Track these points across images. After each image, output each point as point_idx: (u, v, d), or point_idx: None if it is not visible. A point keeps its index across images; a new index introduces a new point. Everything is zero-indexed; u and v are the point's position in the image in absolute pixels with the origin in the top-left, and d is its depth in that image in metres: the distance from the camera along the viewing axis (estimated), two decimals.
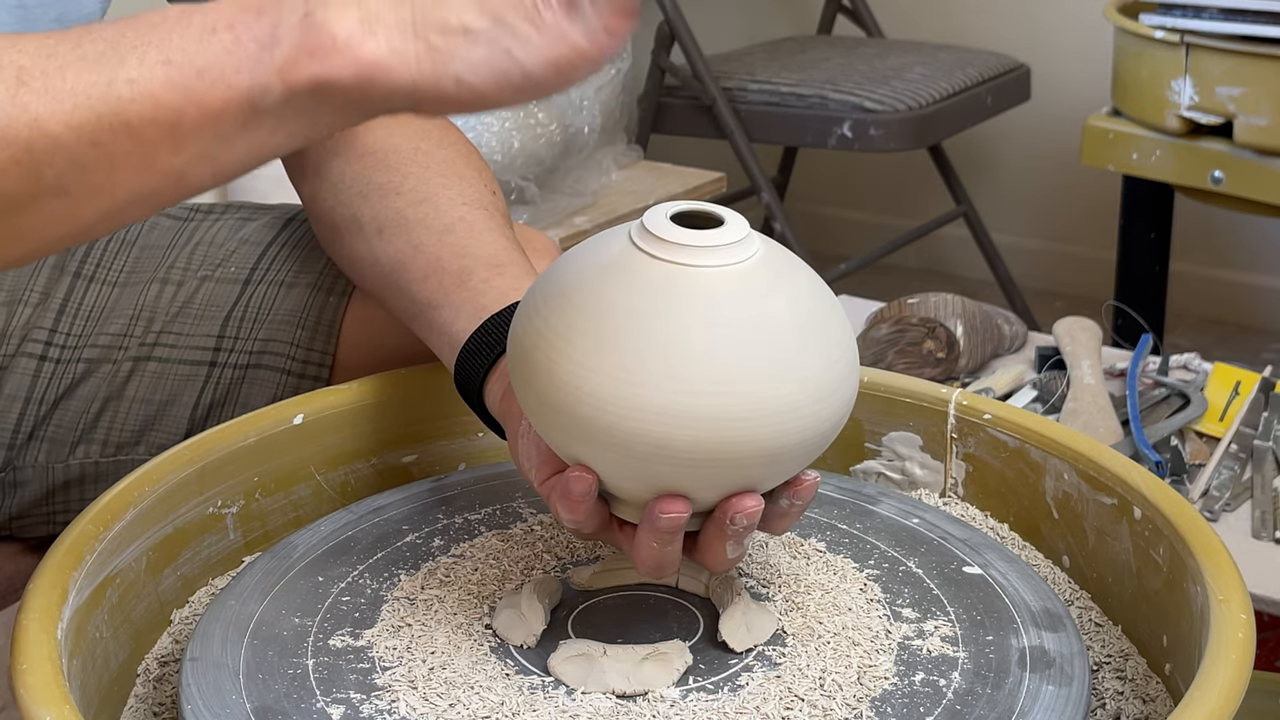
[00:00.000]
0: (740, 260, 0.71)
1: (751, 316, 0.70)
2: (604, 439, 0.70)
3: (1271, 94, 2.04)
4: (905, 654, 0.76)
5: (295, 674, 0.74)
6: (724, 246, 0.71)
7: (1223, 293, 2.94)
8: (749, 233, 0.72)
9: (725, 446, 0.70)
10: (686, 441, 0.69)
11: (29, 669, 0.68)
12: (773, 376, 0.70)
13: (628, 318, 0.70)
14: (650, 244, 0.71)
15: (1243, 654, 0.68)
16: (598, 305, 0.71)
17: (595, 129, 2.10)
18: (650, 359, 0.69)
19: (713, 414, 0.69)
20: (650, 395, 0.69)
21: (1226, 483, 1.41)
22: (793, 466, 0.73)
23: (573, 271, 0.74)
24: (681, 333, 0.70)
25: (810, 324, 0.72)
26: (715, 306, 0.70)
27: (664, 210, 0.73)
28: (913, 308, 1.68)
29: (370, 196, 0.98)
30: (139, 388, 1.07)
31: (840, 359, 0.73)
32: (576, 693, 0.72)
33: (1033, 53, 2.81)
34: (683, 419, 0.69)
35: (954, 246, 3.11)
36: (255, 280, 1.08)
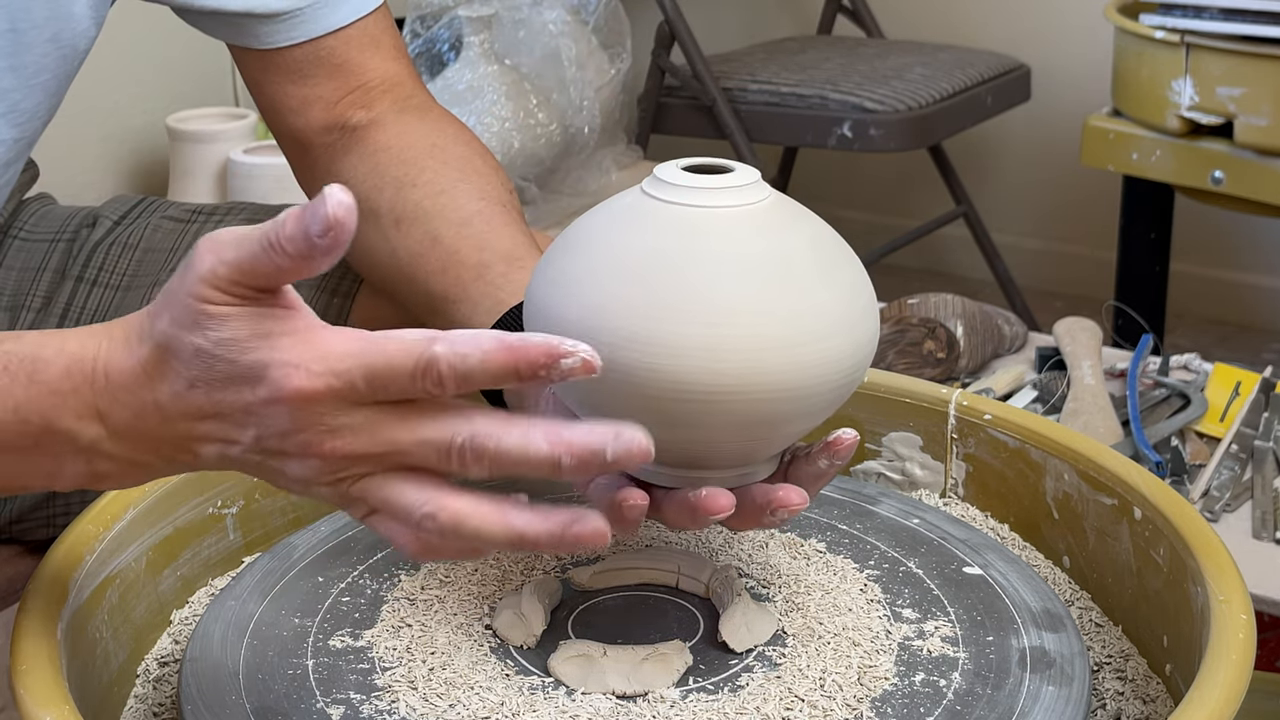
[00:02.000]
0: (753, 201, 0.71)
1: (768, 251, 0.70)
2: (623, 380, 0.68)
3: (1271, 94, 2.04)
4: (905, 654, 0.75)
5: (295, 674, 0.74)
6: (736, 188, 0.71)
7: (1223, 293, 2.94)
8: (759, 178, 0.73)
9: (748, 380, 0.68)
10: (709, 376, 0.68)
11: (29, 669, 0.68)
12: (794, 308, 0.69)
13: (641, 256, 0.70)
14: (662, 190, 0.71)
15: (1243, 654, 0.68)
16: (610, 248, 0.71)
17: (595, 129, 2.11)
18: (667, 293, 0.68)
19: (736, 345, 0.68)
20: (669, 329, 0.68)
21: (1227, 483, 1.41)
22: (816, 408, 0.71)
23: (584, 227, 0.73)
24: (697, 267, 0.69)
25: (828, 261, 0.72)
26: (731, 241, 0.70)
27: (674, 163, 0.73)
28: (913, 308, 1.68)
29: (386, 189, 0.97)
30: None
31: (860, 295, 0.72)
32: (576, 693, 0.72)
33: (1033, 53, 2.81)
34: (704, 352, 0.68)
35: (954, 246, 3.11)
36: None
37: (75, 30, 0.96)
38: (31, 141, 1.00)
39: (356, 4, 1.02)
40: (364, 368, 0.62)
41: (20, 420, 0.66)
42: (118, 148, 2.23)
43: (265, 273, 0.62)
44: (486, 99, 1.95)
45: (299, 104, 1.04)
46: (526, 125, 1.97)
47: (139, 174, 2.30)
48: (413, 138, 1.00)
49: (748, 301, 0.68)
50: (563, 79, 2.07)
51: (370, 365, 0.62)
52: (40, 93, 0.96)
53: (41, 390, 0.66)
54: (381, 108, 1.03)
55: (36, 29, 0.93)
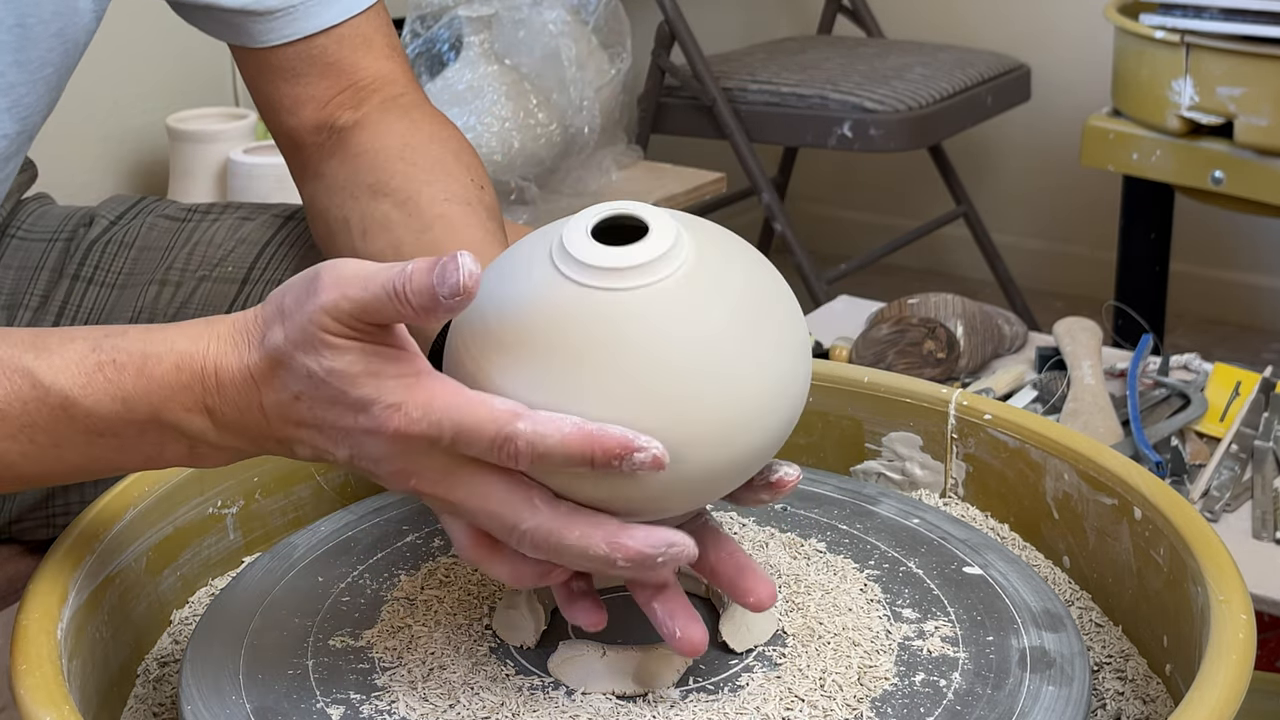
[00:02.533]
0: (667, 275, 0.68)
1: (685, 337, 0.67)
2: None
3: (1271, 94, 2.04)
4: (905, 654, 0.75)
5: (295, 674, 0.74)
6: (649, 264, 0.67)
7: (1223, 293, 2.94)
8: (675, 240, 0.68)
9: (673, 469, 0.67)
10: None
11: (29, 669, 0.68)
12: (714, 394, 0.67)
13: (559, 354, 0.67)
14: (571, 268, 0.68)
15: (1243, 654, 0.68)
16: (525, 343, 0.68)
17: (595, 129, 2.10)
18: (586, 392, 0.66)
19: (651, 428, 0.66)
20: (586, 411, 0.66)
21: (1227, 483, 1.41)
22: (745, 473, 0.71)
23: (496, 304, 0.70)
24: (614, 361, 0.66)
25: (752, 323, 0.69)
26: (647, 331, 0.67)
27: (585, 223, 0.70)
28: (913, 308, 1.68)
29: (360, 198, 0.98)
30: None
31: (783, 358, 0.70)
32: (576, 693, 0.72)
33: (1033, 53, 2.81)
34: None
35: (954, 246, 3.11)
36: (253, 279, 1.08)
37: (79, 24, 0.97)
38: (31, 135, 1.01)
39: (348, 2, 1.03)
40: (455, 423, 0.65)
41: (129, 410, 0.70)
42: (118, 148, 2.23)
43: (385, 316, 0.66)
44: (486, 99, 1.95)
45: (292, 103, 1.04)
46: (526, 125, 1.97)
47: (139, 174, 2.29)
48: (388, 139, 1.00)
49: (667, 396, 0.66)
50: (563, 79, 2.07)
51: (460, 422, 0.65)
52: (43, 86, 0.97)
53: (151, 384, 0.69)
54: (368, 107, 1.04)
55: (44, 24, 0.94)
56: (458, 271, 0.64)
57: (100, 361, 0.70)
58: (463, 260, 0.64)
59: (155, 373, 0.69)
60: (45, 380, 0.70)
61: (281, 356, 0.67)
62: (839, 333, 1.71)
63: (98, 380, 0.70)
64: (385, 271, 0.66)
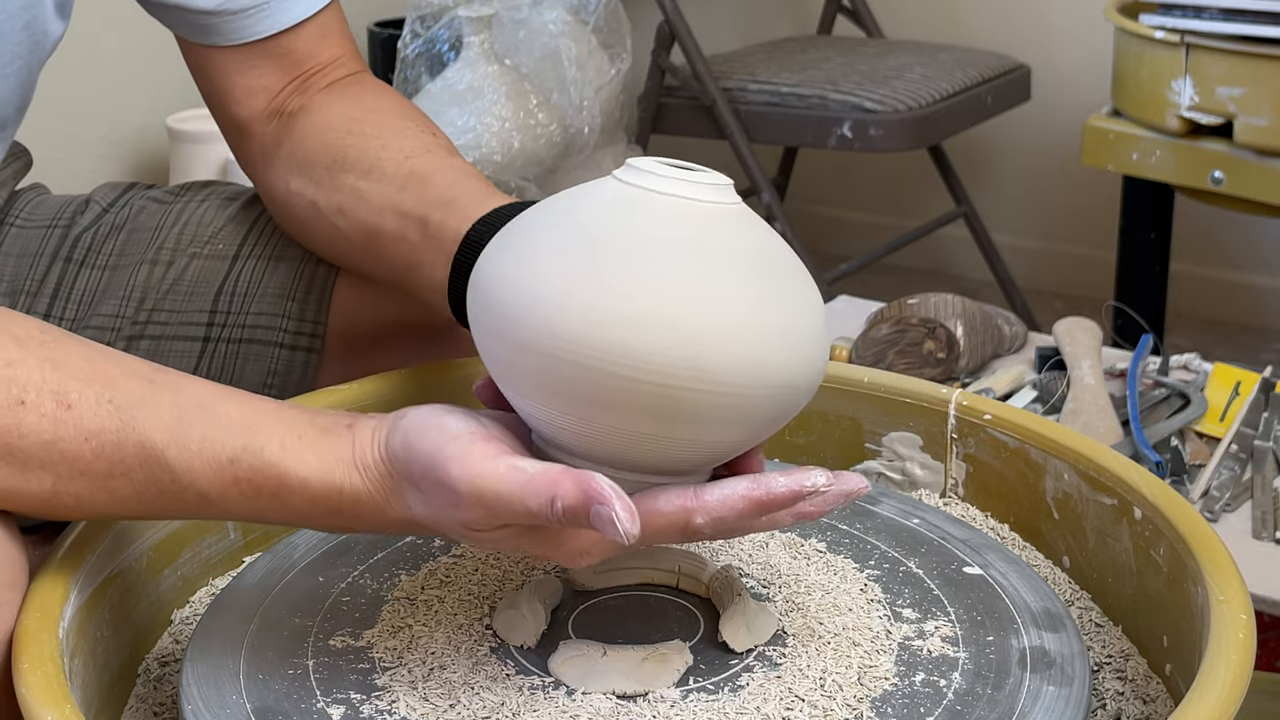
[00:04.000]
0: (725, 201, 0.70)
1: (737, 247, 0.69)
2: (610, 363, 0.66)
3: (1271, 94, 2.04)
4: (905, 654, 0.76)
5: (295, 674, 0.74)
6: (710, 185, 0.70)
7: (1223, 293, 2.94)
8: (729, 186, 0.71)
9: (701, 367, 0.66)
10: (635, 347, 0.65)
11: (31, 668, 0.68)
12: (756, 302, 0.67)
13: (605, 234, 0.68)
14: (637, 177, 0.70)
15: (1243, 654, 0.68)
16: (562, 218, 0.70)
17: (595, 129, 2.11)
18: (608, 266, 0.67)
19: (691, 327, 0.66)
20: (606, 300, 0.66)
21: (1226, 483, 1.41)
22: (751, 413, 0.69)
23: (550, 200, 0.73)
24: (665, 250, 0.67)
25: (791, 270, 0.71)
26: (703, 230, 0.69)
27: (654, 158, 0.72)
28: (913, 308, 1.68)
29: (321, 181, 0.99)
30: None
31: (817, 314, 0.71)
32: (576, 693, 0.72)
33: (1033, 53, 2.81)
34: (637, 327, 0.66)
35: (954, 246, 3.11)
36: (243, 255, 1.09)
37: (45, 15, 0.97)
38: (4, 127, 1.01)
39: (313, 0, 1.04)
40: (633, 543, 0.67)
41: (261, 516, 0.74)
42: (117, 148, 2.23)
43: (539, 522, 0.68)
44: (486, 99, 1.95)
45: (244, 94, 1.05)
46: (526, 125, 1.97)
47: (139, 174, 2.29)
48: (332, 118, 1.02)
49: (709, 289, 0.67)
50: (563, 79, 2.07)
51: (638, 541, 0.67)
52: (13, 80, 0.98)
53: (286, 508, 0.73)
54: (314, 91, 1.05)
55: (11, 18, 0.94)
56: (616, 521, 0.64)
57: (237, 476, 0.71)
58: (622, 516, 0.64)
59: (290, 502, 0.72)
60: (184, 480, 0.72)
61: (431, 523, 0.71)
62: (839, 333, 1.71)
63: (233, 492, 0.72)
64: (532, 498, 0.66)
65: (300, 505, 0.72)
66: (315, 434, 0.72)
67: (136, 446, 0.71)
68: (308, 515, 0.73)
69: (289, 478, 0.71)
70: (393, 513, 0.72)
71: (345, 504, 0.72)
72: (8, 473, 0.71)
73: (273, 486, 0.71)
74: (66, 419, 0.71)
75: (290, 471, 0.71)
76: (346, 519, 0.73)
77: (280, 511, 0.73)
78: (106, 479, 0.71)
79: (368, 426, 0.72)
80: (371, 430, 0.72)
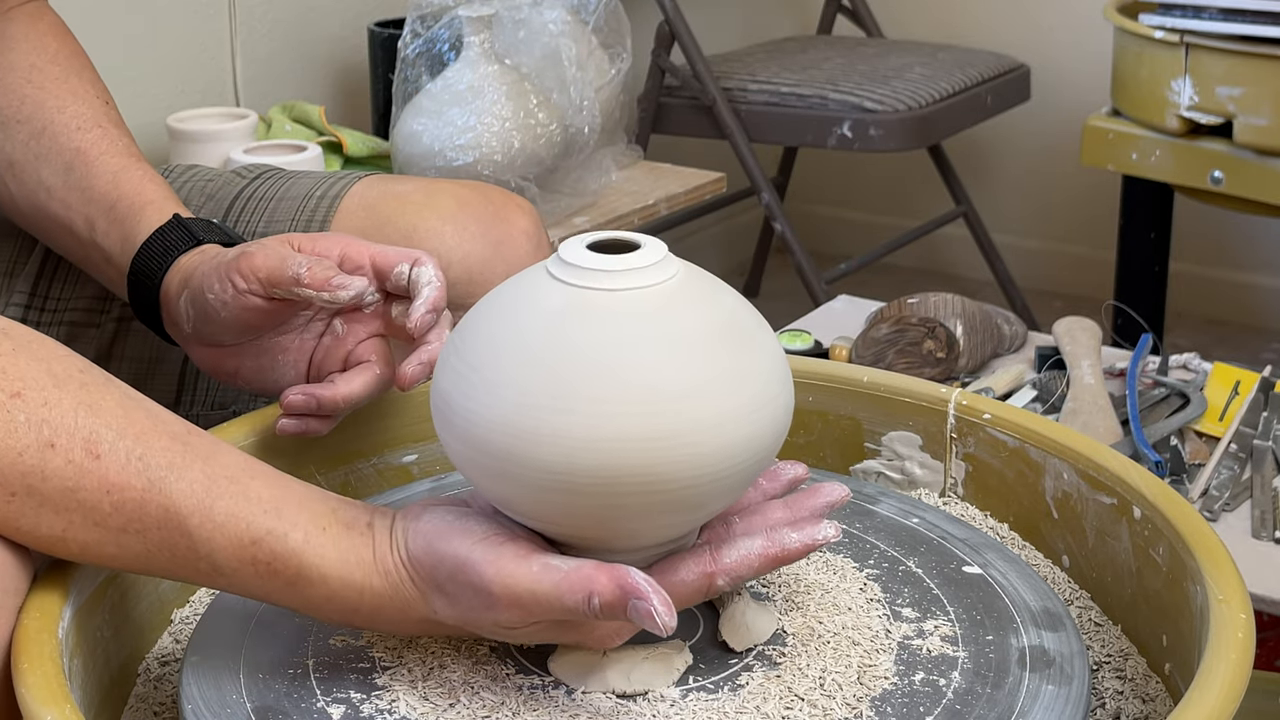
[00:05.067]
0: (659, 281, 0.70)
1: (672, 333, 0.69)
2: (531, 474, 0.68)
3: (1271, 94, 2.04)
4: (905, 654, 0.76)
5: (295, 674, 0.74)
6: (641, 269, 0.70)
7: (1223, 293, 2.94)
8: (667, 255, 0.71)
9: (655, 469, 0.67)
10: (614, 468, 0.67)
11: (30, 668, 0.68)
12: (698, 391, 0.68)
13: (545, 344, 0.69)
14: (566, 272, 0.70)
15: (1242, 654, 0.68)
16: (512, 334, 0.70)
17: (595, 129, 2.10)
18: (571, 383, 0.67)
19: (640, 434, 0.67)
20: (574, 420, 0.67)
21: (1226, 482, 1.41)
22: (732, 486, 0.71)
23: (487, 307, 0.73)
24: (601, 353, 0.68)
25: (737, 339, 0.71)
26: (634, 325, 0.69)
27: (581, 240, 0.72)
28: (913, 308, 1.68)
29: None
30: (127, 348, 1.07)
31: (770, 373, 0.71)
32: (576, 693, 0.72)
33: (1033, 53, 2.81)
34: (609, 442, 0.67)
35: (954, 246, 3.11)
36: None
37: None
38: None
39: None
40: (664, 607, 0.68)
41: (270, 599, 0.73)
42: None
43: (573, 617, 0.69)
44: (486, 99, 1.95)
45: None
46: (526, 125, 1.97)
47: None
48: (14, 57, 1.02)
49: (651, 390, 0.67)
50: (563, 79, 2.06)
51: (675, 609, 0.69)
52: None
53: (301, 599, 0.72)
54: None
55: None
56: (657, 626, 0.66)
57: (256, 558, 0.71)
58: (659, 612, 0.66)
59: (306, 593, 0.72)
60: (201, 550, 0.71)
61: (456, 625, 0.71)
62: (839, 332, 1.71)
63: (249, 571, 0.71)
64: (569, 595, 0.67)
65: (315, 598, 0.72)
66: (338, 529, 0.72)
67: (159, 509, 0.71)
68: (321, 608, 0.73)
69: (309, 570, 0.71)
70: (414, 614, 0.72)
71: (364, 605, 0.72)
72: (22, 511, 0.70)
73: (290, 575, 0.71)
74: (93, 469, 0.70)
75: (311, 565, 0.71)
76: (364, 617, 0.73)
77: (293, 598, 0.72)
78: (120, 533, 0.71)
79: (385, 526, 0.73)
80: (389, 531, 0.72)
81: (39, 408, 0.70)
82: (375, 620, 0.73)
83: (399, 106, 2.01)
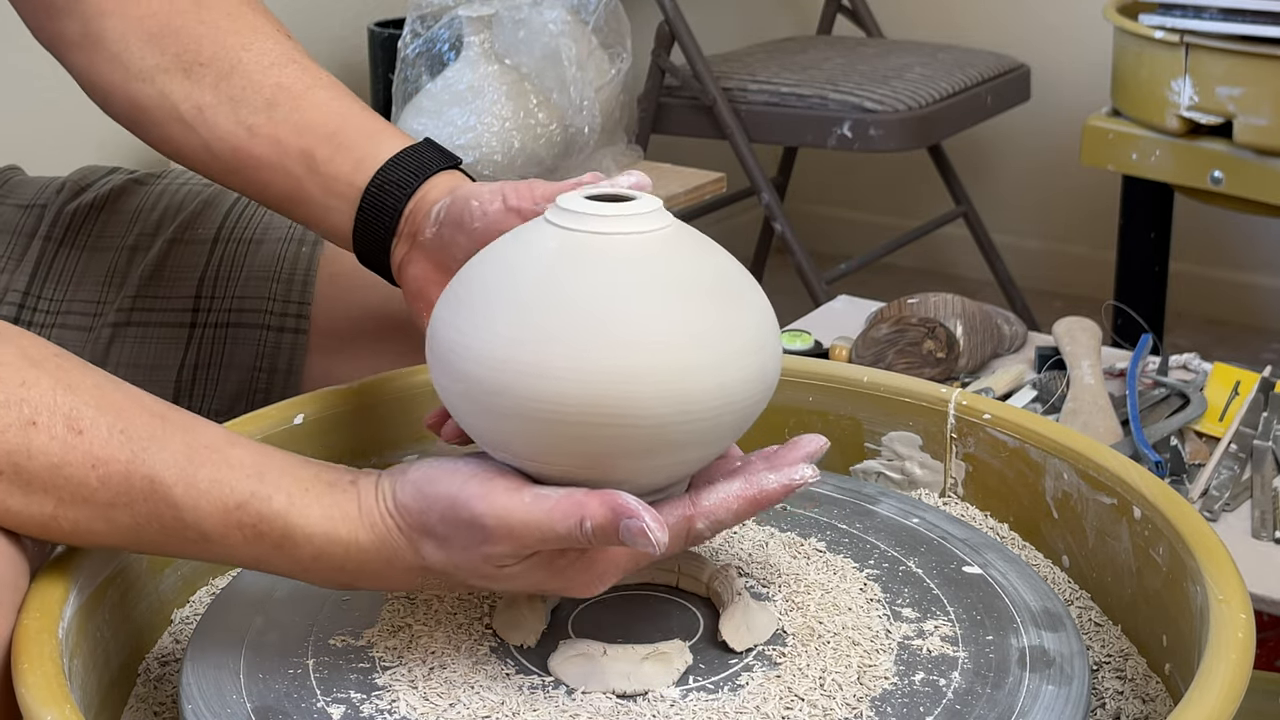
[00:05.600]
0: (650, 229, 0.72)
1: (660, 278, 0.70)
2: (519, 404, 0.69)
3: (1271, 94, 2.04)
4: (905, 654, 0.76)
5: (295, 674, 0.74)
6: (634, 216, 0.72)
7: (1223, 293, 2.94)
8: (660, 208, 0.73)
9: (638, 405, 0.68)
10: (597, 399, 0.68)
11: (30, 668, 0.68)
12: (685, 336, 0.69)
13: (536, 282, 0.70)
14: (561, 217, 0.72)
15: (1242, 654, 0.68)
16: (505, 273, 0.72)
17: (595, 129, 2.10)
18: (560, 318, 0.69)
19: (620, 374, 0.68)
20: (559, 353, 0.68)
21: (1226, 483, 1.41)
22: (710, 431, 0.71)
23: (487, 250, 0.75)
24: (590, 291, 0.69)
25: (725, 290, 0.72)
26: (625, 268, 0.70)
27: (581, 191, 0.74)
28: (913, 308, 1.68)
29: (173, 71, 0.94)
30: (123, 353, 1.07)
31: (757, 326, 0.72)
32: (576, 693, 0.72)
33: (1033, 53, 2.81)
34: (594, 374, 0.68)
35: (954, 246, 3.11)
36: (223, 239, 1.08)
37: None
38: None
39: None
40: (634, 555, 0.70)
41: (259, 564, 0.73)
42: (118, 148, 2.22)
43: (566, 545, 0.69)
44: (486, 99, 1.95)
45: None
46: (526, 125, 1.97)
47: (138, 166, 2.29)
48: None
49: (635, 330, 0.69)
50: (563, 79, 2.06)
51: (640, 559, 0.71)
52: None
53: (287, 560, 0.72)
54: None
55: None
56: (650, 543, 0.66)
57: (242, 521, 0.71)
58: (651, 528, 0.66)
59: (293, 554, 0.72)
60: (188, 519, 0.71)
61: (444, 569, 0.71)
62: (839, 333, 1.71)
63: (235, 536, 0.72)
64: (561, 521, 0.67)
65: (303, 558, 0.72)
66: (321, 488, 0.72)
67: (144, 480, 0.71)
68: (309, 568, 0.73)
69: (294, 530, 0.71)
70: (401, 563, 0.72)
71: (351, 559, 0.72)
72: (10, 491, 0.70)
73: (276, 536, 0.71)
74: (76, 444, 0.70)
75: (296, 525, 0.71)
76: (351, 573, 0.73)
77: (280, 561, 0.72)
78: (108, 508, 0.71)
79: (370, 483, 0.73)
80: (375, 486, 0.73)
81: (17, 388, 0.70)
82: (362, 574, 0.73)
83: (399, 106, 2.01)
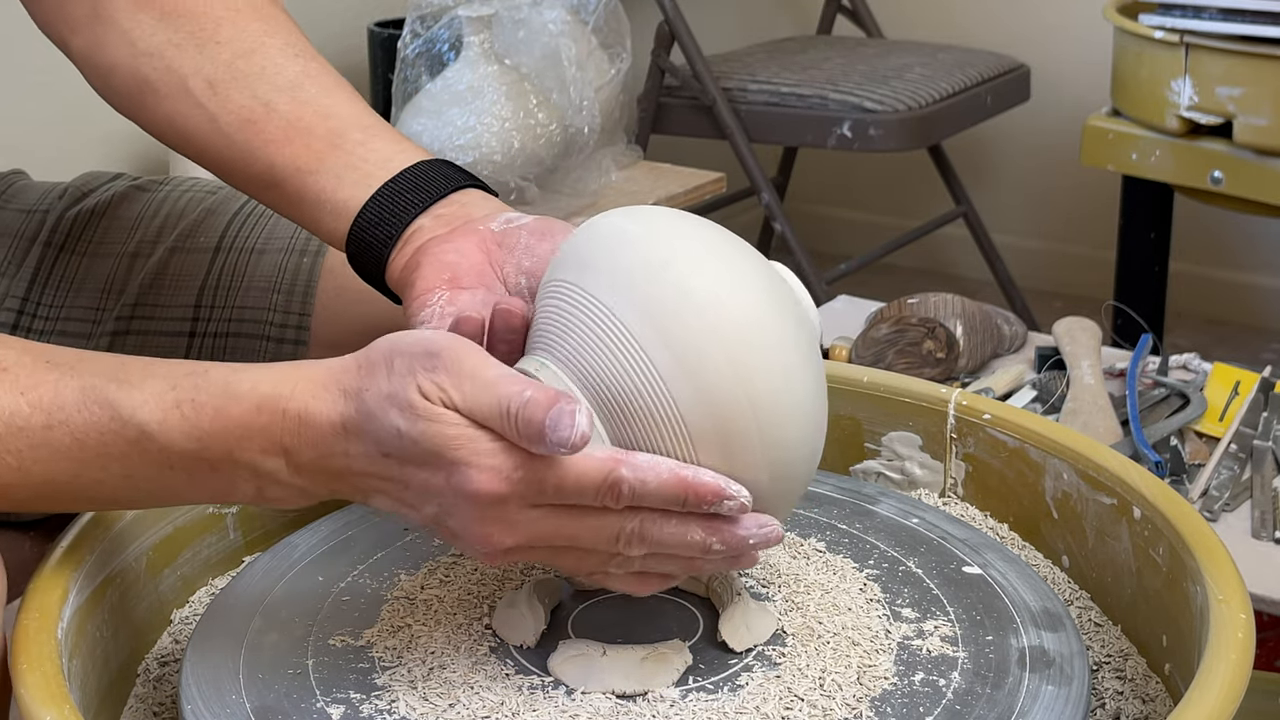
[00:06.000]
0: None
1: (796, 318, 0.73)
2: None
3: (1271, 94, 2.04)
4: (905, 654, 0.76)
5: (295, 674, 0.74)
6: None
7: (1223, 293, 2.94)
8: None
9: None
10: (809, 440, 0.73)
11: (29, 669, 0.68)
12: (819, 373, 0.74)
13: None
14: None
15: (1242, 654, 0.68)
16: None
17: (595, 129, 2.10)
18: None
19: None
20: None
21: (1226, 483, 1.41)
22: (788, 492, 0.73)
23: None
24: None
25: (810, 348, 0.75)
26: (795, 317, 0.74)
27: None
28: (913, 308, 1.68)
29: (185, 46, 0.93)
30: None
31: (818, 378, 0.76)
32: (576, 693, 0.72)
33: (1033, 53, 2.81)
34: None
35: (954, 246, 3.11)
36: (224, 248, 1.08)
37: None
38: None
39: None
40: (556, 478, 0.66)
41: (203, 448, 0.70)
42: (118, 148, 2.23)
43: (489, 424, 0.66)
44: (486, 99, 1.95)
45: None
46: (526, 125, 1.97)
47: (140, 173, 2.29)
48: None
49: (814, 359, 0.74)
50: (563, 79, 2.07)
51: (562, 478, 0.66)
52: None
53: (229, 424, 0.69)
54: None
55: None
56: (572, 429, 0.65)
57: (179, 399, 0.70)
58: (579, 419, 0.65)
59: (234, 413, 0.69)
60: (124, 413, 0.70)
61: (374, 411, 0.67)
62: (839, 333, 1.71)
63: (174, 417, 0.70)
64: (505, 385, 0.66)
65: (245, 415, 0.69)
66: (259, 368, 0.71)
67: (76, 390, 0.70)
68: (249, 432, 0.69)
69: (236, 385, 0.69)
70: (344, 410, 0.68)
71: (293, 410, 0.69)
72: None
73: (217, 402, 0.69)
74: (1, 379, 0.71)
75: (238, 380, 0.69)
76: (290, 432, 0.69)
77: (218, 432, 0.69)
78: (45, 430, 0.70)
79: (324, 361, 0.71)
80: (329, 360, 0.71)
81: None
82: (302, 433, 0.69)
83: (399, 106, 2.01)
